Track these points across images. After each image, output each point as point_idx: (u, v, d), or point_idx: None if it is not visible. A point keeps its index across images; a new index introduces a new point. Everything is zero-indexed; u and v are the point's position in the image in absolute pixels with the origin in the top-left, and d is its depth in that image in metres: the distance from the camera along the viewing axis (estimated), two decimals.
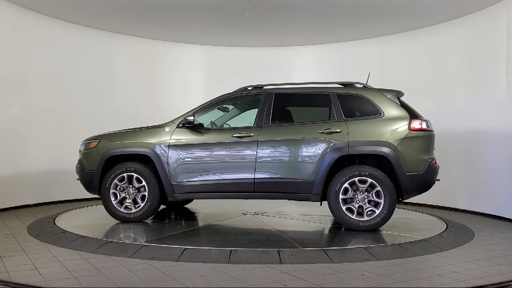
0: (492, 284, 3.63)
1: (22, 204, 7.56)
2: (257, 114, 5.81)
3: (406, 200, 7.95)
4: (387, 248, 4.62)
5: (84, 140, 6.28)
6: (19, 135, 7.58)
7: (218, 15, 7.90)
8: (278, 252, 4.32)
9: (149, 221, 6.02)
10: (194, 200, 7.36)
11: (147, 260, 4.22)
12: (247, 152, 5.64)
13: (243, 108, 6.47)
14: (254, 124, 5.76)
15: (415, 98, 8.20)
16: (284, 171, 5.55)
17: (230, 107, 6.41)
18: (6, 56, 7.34)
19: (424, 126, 5.48)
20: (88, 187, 6.08)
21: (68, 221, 5.91)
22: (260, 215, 6.58)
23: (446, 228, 5.73)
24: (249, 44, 9.70)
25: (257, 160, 5.61)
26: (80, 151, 6.24)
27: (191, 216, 6.76)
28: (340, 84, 5.92)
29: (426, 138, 5.50)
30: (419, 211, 7.41)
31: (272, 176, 5.57)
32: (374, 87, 5.91)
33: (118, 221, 5.90)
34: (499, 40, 7.02)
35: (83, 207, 7.43)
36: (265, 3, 7.25)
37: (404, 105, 5.67)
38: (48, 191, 8.02)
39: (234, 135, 5.70)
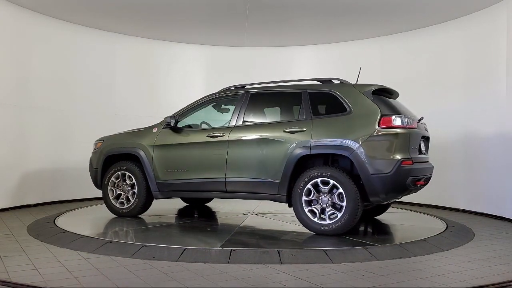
0: (492, 284, 3.63)
1: (22, 204, 7.56)
2: (231, 114, 5.83)
3: (406, 200, 8.06)
4: (387, 248, 4.62)
5: (95, 141, 6.76)
6: (19, 135, 7.58)
7: (218, 15, 7.90)
8: (278, 252, 4.32)
9: (153, 219, 6.08)
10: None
11: (147, 260, 4.21)
12: (219, 152, 5.66)
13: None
14: (228, 124, 5.79)
15: (415, 98, 8.23)
16: (252, 171, 5.46)
17: (232, 107, 6.42)
18: (6, 56, 7.34)
19: (396, 123, 4.99)
20: (95, 183, 6.59)
21: (68, 221, 5.91)
22: (261, 215, 6.58)
23: (446, 228, 5.72)
24: (249, 44, 9.70)
25: (228, 160, 5.59)
26: None
27: (194, 216, 6.77)
28: (318, 81, 5.70)
29: (398, 136, 4.97)
30: (419, 211, 7.41)
31: (241, 176, 5.52)
32: (350, 82, 5.59)
33: (118, 222, 6.01)
34: (499, 40, 7.02)
35: (83, 207, 7.43)
36: (265, 3, 7.25)
37: (381, 101, 5.21)
38: (48, 191, 8.02)
39: (208, 135, 5.77)
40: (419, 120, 5.52)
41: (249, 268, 4.01)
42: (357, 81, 5.73)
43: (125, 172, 6.23)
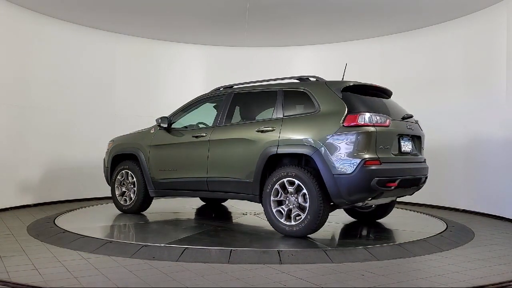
0: (492, 284, 3.63)
1: (22, 204, 7.56)
2: (216, 114, 5.88)
3: (406, 200, 8.05)
4: (387, 248, 4.62)
5: (108, 141, 7.08)
6: (19, 135, 7.58)
7: (218, 15, 7.90)
8: (278, 252, 4.32)
9: (157, 219, 6.10)
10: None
11: (147, 260, 4.21)
12: (201, 151, 5.73)
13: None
14: (212, 124, 5.83)
15: (415, 98, 8.23)
16: (229, 171, 5.47)
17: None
18: (5, 56, 7.34)
19: (362, 121, 4.72)
20: (106, 181, 6.96)
21: (68, 221, 5.91)
22: (261, 215, 6.58)
23: (446, 228, 5.72)
24: (249, 44, 9.70)
25: (209, 159, 5.65)
26: None
27: (195, 215, 6.77)
28: (296, 79, 5.57)
29: (363, 134, 4.68)
30: (419, 211, 7.41)
31: (220, 175, 5.55)
32: (324, 80, 5.39)
33: (118, 222, 6.07)
34: (499, 40, 7.02)
35: (83, 207, 7.43)
36: (265, 3, 7.25)
37: (352, 99, 4.96)
38: (48, 191, 8.02)
39: (193, 136, 5.87)
40: (403, 118, 5.28)
41: (249, 268, 4.01)
42: (342, 78, 5.56)
43: (128, 171, 6.53)
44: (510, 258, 4.54)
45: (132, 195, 6.49)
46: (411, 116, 5.46)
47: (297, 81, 5.56)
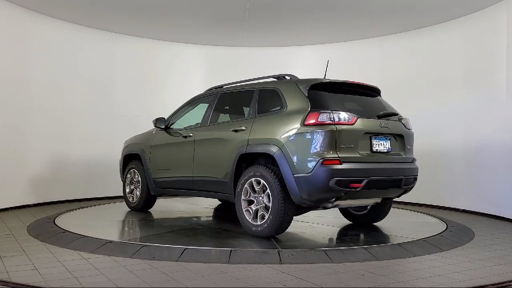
0: (492, 284, 3.63)
1: (22, 204, 7.56)
2: (203, 115, 5.97)
3: (406, 200, 8.05)
4: (387, 248, 4.62)
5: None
6: (19, 135, 7.57)
7: (218, 15, 7.90)
8: (278, 252, 4.32)
9: (155, 219, 6.08)
10: None
11: (147, 260, 4.21)
12: (188, 151, 5.85)
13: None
14: (200, 124, 5.93)
15: (415, 98, 8.23)
16: (210, 170, 5.53)
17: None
18: (5, 56, 7.33)
19: (322, 119, 4.60)
20: (121, 178, 7.22)
21: (68, 221, 5.91)
22: None
23: (446, 228, 5.72)
24: (249, 44, 9.70)
25: (194, 159, 5.74)
26: None
27: (199, 215, 6.77)
28: (274, 78, 5.53)
29: (322, 133, 4.55)
30: (419, 211, 7.40)
31: (203, 175, 5.63)
32: (297, 78, 5.31)
33: (118, 222, 6.15)
34: (499, 40, 7.02)
35: (83, 207, 7.43)
36: (265, 3, 7.25)
37: (320, 97, 4.85)
38: (48, 191, 8.02)
39: (182, 136, 6.01)
40: (379, 116, 5.02)
41: (249, 268, 4.01)
42: (324, 76, 5.39)
43: (135, 170, 6.85)
44: (510, 258, 4.54)
45: (138, 193, 6.77)
46: (391, 114, 5.18)
47: (274, 79, 5.53)
